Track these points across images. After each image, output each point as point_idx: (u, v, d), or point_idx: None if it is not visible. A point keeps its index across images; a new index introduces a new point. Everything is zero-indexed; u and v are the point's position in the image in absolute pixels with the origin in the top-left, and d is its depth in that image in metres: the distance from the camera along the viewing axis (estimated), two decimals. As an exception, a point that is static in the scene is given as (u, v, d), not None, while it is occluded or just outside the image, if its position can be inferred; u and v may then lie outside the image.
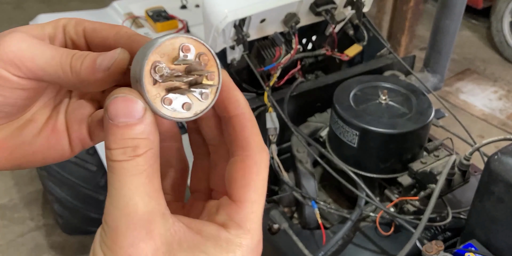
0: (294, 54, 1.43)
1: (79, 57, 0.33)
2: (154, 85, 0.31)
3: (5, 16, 3.99)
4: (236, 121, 0.35)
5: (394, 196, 1.25)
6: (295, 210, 1.39)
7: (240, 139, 0.35)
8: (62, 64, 0.33)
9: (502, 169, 0.94)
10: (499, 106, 3.07)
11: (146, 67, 0.30)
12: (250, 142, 0.34)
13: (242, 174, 0.34)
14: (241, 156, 0.34)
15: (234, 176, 0.34)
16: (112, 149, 0.30)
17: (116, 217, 0.29)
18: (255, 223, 0.34)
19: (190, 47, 0.31)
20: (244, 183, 0.34)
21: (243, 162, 0.34)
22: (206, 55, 0.32)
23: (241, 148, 0.34)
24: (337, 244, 1.20)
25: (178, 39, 0.31)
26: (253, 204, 0.34)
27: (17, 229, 2.25)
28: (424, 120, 1.20)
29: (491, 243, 1.02)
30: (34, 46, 0.33)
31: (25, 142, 0.38)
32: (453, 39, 1.60)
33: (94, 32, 0.37)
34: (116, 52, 0.33)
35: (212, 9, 1.31)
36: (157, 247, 0.30)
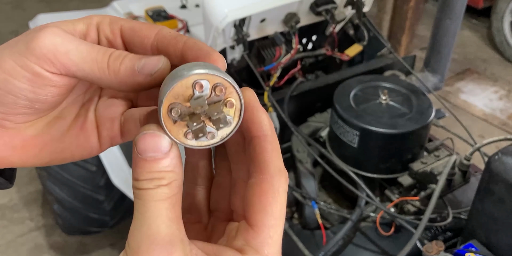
0: (294, 54, 1.42)
1: (118, 56, 0.33)
2: (174, 124, 0.32)
3: (4, 16, 3.99)
4: (257, 142, 0.35)
5: (395, 196, 1.24)
6: (295, 210, 1.39)
7: (259, 161, 0.34)
8: (99, 61, 0.33)
9: (503, 169, 0.93)
10: (500, 106, 3.06)
11: (162, 110, 0.32)
12: (269, 165, 0.34)
13: (258, 198, 0.34)
14: (259, 178, 0.34)
15: (251, 200, 0.34)
16: (139, 180, 0.31)
17: (138, 238, 0.30)
18: (273, 247, 0.34)
19: (203, 83, 0.32)
20: (260, 208, 0.33)
21: (260, 185, 0.34)
22: (222, 84, 0.32)
23: (260, 170, 0.34)
24: (337, 244, 1.20)
25: (190, 78, 0.32)
26: (270, 228, 0.33)
27: (17, 229, 2.25)
28: (424, 120, 1.19)
29: (492, 243, 1.01)
30: (69, 40, 0.33)
31: (54, 139, 0.38)
32: (454, 39, 1.60)
33: (132, 31, 0.36)
34: (160, 60, 0.33)
35: (212, 9, 1.31)
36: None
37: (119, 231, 2.18)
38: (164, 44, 0.35)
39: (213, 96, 0.32)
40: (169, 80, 0.32)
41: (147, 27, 0.36)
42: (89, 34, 0.36)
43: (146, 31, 0.36)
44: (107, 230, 2.11)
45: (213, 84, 0.32)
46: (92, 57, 0.33)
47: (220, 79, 0.32)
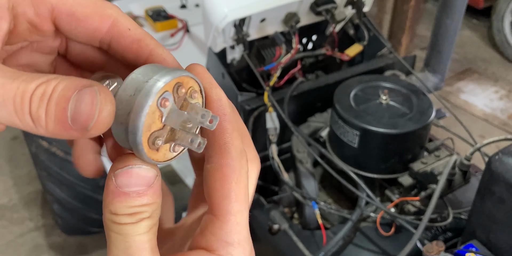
0: (295, 54, 1.42)
1: (40, 100, 0.22)
2: (158, 151, 0.29)
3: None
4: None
5: (395, 196, 1.24)
6: (295, 210, 1.38)
7: (219, 143, 0.30)
8: (17, 108, 0.23)
9: (503, 169, 0.93)
10: (500, 106, 3.06)
11: (145, 149, 0.27)
12: (230, 148, 0.30)
13: (221, 184, 0.30)
14: (219, 163, 0.30)
15: (213, 187, 0.30)
16: (118, 215, 0.27)
17: None
18: (243, 234, 0.32)
19: (167, 97, 0.27)
20: (223, 195, 0.30)
21: (221, 170, 0.30)
22: (180, 83, 0.28)
23: (220, 153, 0.30)
24: (337, 245, 1.20)
25: (153, 103, 0.26)
26: (236, 215, 0.31)
27: (17, 230, 2.25)
28: (424, 120, 1.19)
29: (492, 244, 1.01)
30: None
31: None
32: (454, 38, 1.59)
33: (72, 18, 0.26)
34: (95, 102, 0.23)
35: (212, 8, 1.31)
36: None
37: (119, 231, 2.18)
38: (121, 46, 0.28)
39: (177, 98, 0.28)
40: (129, 117, 0.26)
41: (94, 12, 0.26)
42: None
43: (95, 20, 0.26)
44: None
45: (173, 87, 0.27)
46: (10, 101, 0.22)
47: (177, 80, 0.27)
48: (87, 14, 0.26)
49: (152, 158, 0.28)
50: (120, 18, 0.27)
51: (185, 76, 0.27)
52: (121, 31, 0.27)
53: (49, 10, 0.26)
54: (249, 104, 1.34)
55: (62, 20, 0.26)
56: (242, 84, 1.51)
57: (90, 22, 0.26)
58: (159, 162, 0.29)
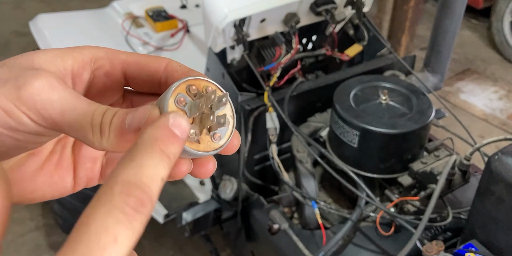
0: (294, 54, 1.42)
1: (109, 116, 0.30)
2: (198, 143, 0.32)
3: (5, 16, 3.99)
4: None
5: (395, 196, 1.24)
6: (295, 210, 1.39)
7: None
8: (94, 124, 0.30)
9: (503, 169, 0.93)
10: (500, 106, 3.06)
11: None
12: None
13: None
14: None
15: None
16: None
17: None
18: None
19: (182, 99, 0.31)
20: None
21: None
22: (194, 86, 0.32)
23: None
24: (337, 244, 1.20)
25: (180, 86, 0.32)
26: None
27: (17, 230, 2.25)
28: (424, 120, 1.19)
29: (492, 243, 1.01)
30: (65, 98, 0.30)
31: (25, 178, 0.35)
32: (454, 39, 1.60)
33: (138, 65, 0.34)
34: (147, 109, 0.30)
35: (212, 9, 1.31)
36: None
37: (119, 231, 2.18)
38: (175, 78, 0.34)
39: (194, 96, 0.32)
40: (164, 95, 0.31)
41: (154, 60, 0.34)
42: (80, 74, 0.33)
43: (155, 64, 0.34)
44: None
45: (185, 89, 0.32)
46: (87, 120, 0.30)
47: (186, 83, 0.32)
48: (148, 61, 0.34)
49: (198, 150, 0.31)
50: (171, 61, 0.35)
51: (192, 79, 0.32)
52: (174, 68, 0.34)
53: (121, 62, 0.34)
54: (249, 104, 1.34)
55: (130, 68, 0.35)
56: (242, 84, 1.52)
57: (151, 65, 0.34)
58: (207, 152, 0.32)
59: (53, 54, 0.32)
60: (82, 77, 0.34)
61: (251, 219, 1.49)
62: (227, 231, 1.74)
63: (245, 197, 1.50)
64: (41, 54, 0.32)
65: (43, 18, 1.98)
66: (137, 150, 0.27)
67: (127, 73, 0.35)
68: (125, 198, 0.25)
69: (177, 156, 0.28)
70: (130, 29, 1.96)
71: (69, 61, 0.33)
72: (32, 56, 0.32)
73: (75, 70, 0.33)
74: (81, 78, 0.34)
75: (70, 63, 0.33)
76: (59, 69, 0.32)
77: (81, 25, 2.02)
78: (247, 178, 1.48)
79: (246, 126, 1.35)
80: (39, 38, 1.90)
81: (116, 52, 0.35)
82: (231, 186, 1.52)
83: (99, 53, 0.34)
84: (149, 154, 0.27)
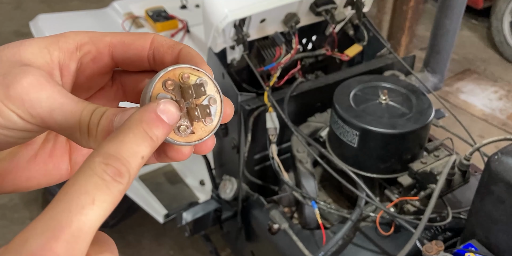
0: (294, 54, 1.43)
1: (97, 116, 0.31)
2: (194, 134, 0.33)
3: (5, 16, 3.99)
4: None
5: (394, 196, 1.24)
6: (295, 210, 1.39)
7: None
8: (81, 125, 0.31)
9: (502, 169, 0.93)
10: (499, 106, 3.07)
11: (169, 138, 0.32)
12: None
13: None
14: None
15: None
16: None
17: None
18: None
19: (169, 83, 0.32)
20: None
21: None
22: (170, 81, 0.33)
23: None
24: (337, 244, 1.20)
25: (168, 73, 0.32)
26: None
27: (17, 229, 2.25)
28: (424, 120, 1.20)
29: (491, 243, 1.01)
30: (53, 97, 0.31)
31: (19, 167, 0.36)
32: (453, 39, 1.60)
33: (124, 45, 0.35)
34: (133, 111, 0.31)
35: (212, 9, 1.31)
36: None
37: (119, 231, 2.19)
38: (161, 53, 0.35)
39: (184, 85, 0.33)
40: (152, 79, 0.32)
41: (139, 37, 0.35)
42: (67, 65, 0.34)
43: (140, 41, 0.35)
44: (107, 230, 2.11)
45: (178, 76, 0.33)
46: (76, 119, 0.31)
47: (175, 71, 0.32)
48: (133, 39, 0.35)
49: (195, 140, 0.33)
50: (156, 35, 0.35)
51: (165, 73, 0.32)
52: (160, 42, 0.35)
53: (106, 45, 0.35)
54: (249, 104, 1.34)
55: (116, 49, 0.35)
56: (242, 84, 1.52)
57: (137, 43, 0.35)
58: (204, 137, 0.33)
59: (40, 45, 0.33)
60: (69, 67, 0.34)
61: (251, 219, 1.49)
62: (227, 231, 1.74)
63: (245, 197, 1.50)
64: (27, 45, 0.33)
65: (44, 18, 1.98)
66: (122, 129, 0.29)
67: (114, 54, 0.35)
68: (104, 167, 0.27)
69: (162, 139, 0.30)
70: (130, 29, 1.97)
71: (55, 52, 0.33)
72: (18, 48, 0.32)
73: (62, 61, 0.34)
74: (68, 69, 0.34)
75: (57, 54, 0.33)
76: (47, 62, 0.33)
77: (81, 25, 2.02)
78: (247, 178, 1.48)
79: (246, 126, 1.35)
80: (39, 38, 1.90)
81: (101, 34, 0.35)
82: (231, 186, 1.52)
83: (84, 38, 0.35)
84: (132, 133, 0.29)
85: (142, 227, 2.24)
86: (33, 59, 0.32)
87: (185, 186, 1.91)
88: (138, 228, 2.24)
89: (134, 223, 2.23)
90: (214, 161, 1.69)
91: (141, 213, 1.93)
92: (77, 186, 0.26)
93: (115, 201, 0.27)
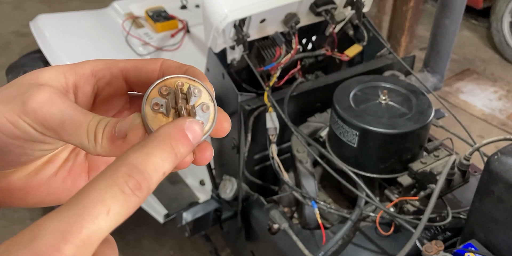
0: (294, 54, 1.43)
1: (102, 125, 0.33)
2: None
3: (5, 16, 3.99)
4: None
5: (394, 196, 1.25)
6: (295, 210, 1.39)
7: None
8: (89, 133, 0.33)
9: (502, 169, 0.94)
10: (499, 106, 3.07)
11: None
12: None
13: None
14: None
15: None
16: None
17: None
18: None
19: (165, 89, 0.34)
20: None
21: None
22: (165, 87, 0.34)
23: None
24: (337, 244, 1.20)
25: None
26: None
27: (18, 230, 2.24)
28: (424, 120, 1.20)
29: (491, 243, 1.02)
30: (64, 110, 0.33)
31: (41, 183, 0.38)
32: (453, 39, 1.60)
33: (136, 69, 0.37)
34: (131, 118, 0.33)
35: (212, 9, 1.31)
36: None
37: (119, 231, 2.19)
38: (170, 74, 0.36)
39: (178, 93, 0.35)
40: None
41: (149, 61, 0.37)
42: (82, 87, 0.37)
43: (151, 65, 0.37)
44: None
45: (175, 85, 0.34)
46: (83, 129, 0.33)
47: (169, 80, 0.34)
48: (144, 64, 0.37)
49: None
50: (165, 60, 0.37)
51: (161, 81, 0.34)
52: (168, 65, 0.37)
53: (120, 70, 0.37)
54: (249, 104, 1.34)
55: (129, 73, 0.37)
56: (242, 84, 1.52)
57: (148, 67, 0.37)
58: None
59: (58, 71, 0.36)
60: (84, 90, 0.37)
61: (251, 219, 1.50)
62: (227, 231, 1.74)
63: (245, 197, 1.50)
64: (47, 71, 0.36)
65: (44, 18, 1.98)
66: (150, 142, 0.30)
67: (127, 78, 0.38)
68: (127, 178, 0.28)
69: (184, 157, 0.31)
70: (130, 29, 1.97)
71: (71, 77, 0.36)
72: (38, 73, 0.35)
73: (77, 84, 0.37)
74: (83, 91, 0.37)
75: (72, 78, 0.36)
76: (62, 85, 0.36)
77: (82, 26, 2.02)
78: (247, 178, 1.48)
79: (246, 126, 1.36)
80: (39, 38, 1.90)
81: (115, 61, 0.38)
82: (231, 186, 1.52)
83: (99, 65, 0.37)
84: (159, 146, 0.30)
85: (142, 227, 2.24)
86: (50, 82, 0.35)
87: (185, 186, 1.91)
88: (138, 228, 2.24)
89: (134, 223, 2.23)
90: (214, 161, 1.69)
91: (141, 213, 1.93)
92: (95, 193, 0.27)
93: (129, 214, 0.28)
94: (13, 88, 0.34)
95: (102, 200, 0.27)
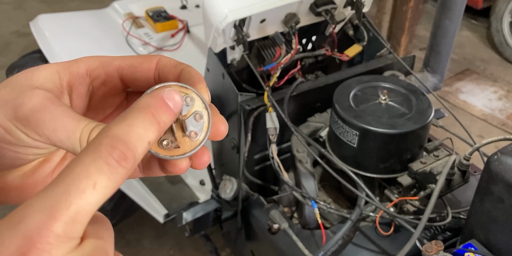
0: (294, 54, 1.43)
1: (95, 132, 0.33)
2: (178, 148, 0.34)
3: (5, 16, 3.99)
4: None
5: (394, 196, 1.25)
6: (295, 210, 1.39)
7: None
8: (81, 141, 0.32)
9: (502, 169, 0.94)
10: (499, 106, 3.07)
11: (154, 151, 0.33)
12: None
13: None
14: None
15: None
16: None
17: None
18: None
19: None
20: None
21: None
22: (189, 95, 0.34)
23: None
24: (337, 244, 1.20)
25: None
26: None
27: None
28: (424, 120, 1.20)
29: (491, 243, 1.02)
30: (57, 117, 0.33)
31: (38, 182, 0.38)
32: (453, 39, 1.60)
33: (132, 67, 0.37)
34: None
35: (212, 9, 1.31)
36: None
37: (119, 231, 2.19)
38: (165, 73, 0.37)
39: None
40: None
41: (145, 59, 0.37)
42: (76, 88, 0.36)
43: (147, 63, 0.37)
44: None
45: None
46: (76, 137, 0.32)
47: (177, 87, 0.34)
48: (140, 62, 0.37)
49: (180, 154, 0.33)
50: (161, 57, 0.37)
51: (167, 85, 0.33)
52: (164, 63, 0.36)
53: (115, 69, 0.37)
54: (249, 104, 1.34)
55: (125, 71, 0.37)
56: (242, 84, 1.52)
57: (144, 65, 0.36)
58: (189, 152, 0.34)
59: (52, 70, 0.35)
60: (79, 91, 0.37)
61: (251, 219, 1.50)
62: (227, 231, 1.74)
63: (245, 197, 1.51)
64: (41, 70, 0.35)
65: (44, 18, 1.98)
66: (130, 112, 0.30)
67: (123, 76, 0.37)
68: (111, 150, 0.27)
69: (168, 126, 0.31)
70: (130, 29, 1.97)
71: (65, 77, 0.36)
72: (32, 73, 0.35)
73: (72, 85, 0.36)
74: (78, 92, 0.37)
75: (66, 78, 0.36)
76: (56, 86, 0.35)
77: (82, 26, 2.02)
78: (247, 178, 1.48)
79: (246, 126, 1.36)
80: (39, 38, 1.90)
81: (111, 59, 0.37)
82: (231, 186, 1.52)
83: (94, 63, 0.37)
84: (141, 116, 0.30)
85: (142, 227, 2.24)
86: (44, 83, 0.35)
87: (185, 186, 1.91)
88: (138, 228, 2.24)
89: (134, 223, 2.23)
90: (214, 161, 1.69)
91: (141, 213, 1.93)
92: (80, 168, 0.26)
93: (117, 186, 0.28)
94: (6, 90, 0.34)
95: (87, 175, 0.26)
